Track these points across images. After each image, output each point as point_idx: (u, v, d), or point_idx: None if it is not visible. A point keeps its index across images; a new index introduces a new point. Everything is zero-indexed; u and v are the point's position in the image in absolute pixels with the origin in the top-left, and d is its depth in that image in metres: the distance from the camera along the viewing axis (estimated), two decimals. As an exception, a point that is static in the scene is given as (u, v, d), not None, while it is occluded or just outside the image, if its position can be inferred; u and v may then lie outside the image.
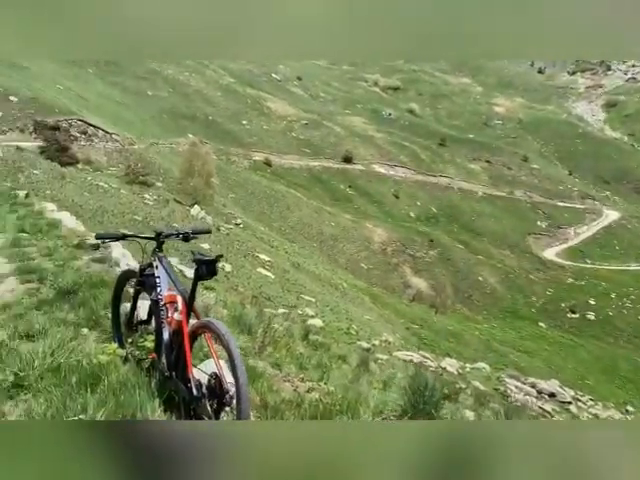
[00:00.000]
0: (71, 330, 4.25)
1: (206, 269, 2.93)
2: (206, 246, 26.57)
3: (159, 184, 42.02)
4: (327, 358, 9.85)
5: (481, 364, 22.30)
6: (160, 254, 3.43)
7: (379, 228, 54.77)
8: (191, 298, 3.07)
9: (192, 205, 39.00)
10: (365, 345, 18.92)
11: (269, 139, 67.14)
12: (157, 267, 3.38)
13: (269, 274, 29.94)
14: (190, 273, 12.11)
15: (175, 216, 35.46)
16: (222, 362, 2.94)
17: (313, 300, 27.68)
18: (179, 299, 3.20)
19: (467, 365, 20.89)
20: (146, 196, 37.22)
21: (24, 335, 4.18)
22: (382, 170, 69.50)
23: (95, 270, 6.28)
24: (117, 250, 7.58)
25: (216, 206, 42.84)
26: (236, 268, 26.87)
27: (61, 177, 33.64)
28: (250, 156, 61.56)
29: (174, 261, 14.25)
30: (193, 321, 3.12)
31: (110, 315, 4.13)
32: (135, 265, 7.58)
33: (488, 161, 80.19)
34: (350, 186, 63.83)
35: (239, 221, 41.53)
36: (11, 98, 42.44)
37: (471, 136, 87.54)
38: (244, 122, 68.81)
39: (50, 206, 11.63)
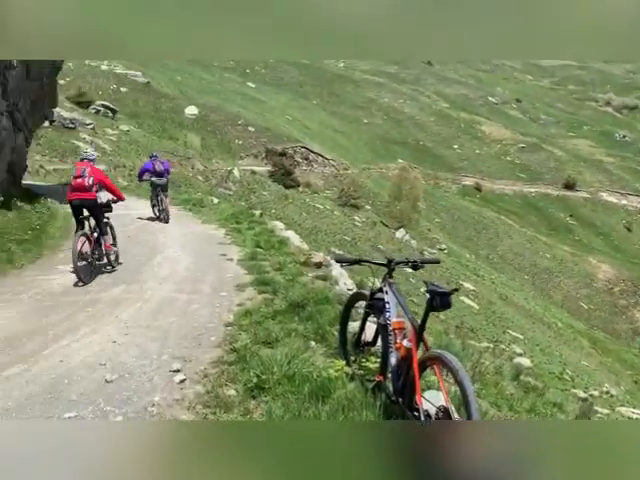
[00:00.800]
0: (301, 342, 4.64)
1: (440, 301, 2.91)
2: (409, 270, 26.72)
3: (368, 207, 43.84)
4: (541, 404, 9.02)
5: None
6: (390, 280, 3.53)
7: (605, 264, 48.51)
8: (422, 327, 3.08)
9: (397, 228, 39.76)
10: (581, 394, 16.92)
11: (481, 163, 65.08)
12: (387, 292, 3.48)
13: (473, 304, 28.80)
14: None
15: (381, 238, 36.56)
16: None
17: (521, 337, 25.75)
18: (408, 326, 3.24)
19: None
20: (356, 218, 39.17)
21: (263, 341, 4.70)
22: (612, 199, 61.69)
23: (319, 286, 6.76)
24: (336, 270, 8.06)
25: (421, 230, 42.95)
26: (439, 295, 26.46)
27: (284, 198, 37.48)
28: (459, 180, 60.42)
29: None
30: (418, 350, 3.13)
31: (337, 333, 4.39)
32: (351, 284, 7.99)
33: None
34: (571, 215, 58.05)
35: (444, 246, 40.93)
36: (249, 128, 48.89)
37: None
38: (455, 146, 67.99)
39: (279, 225, 12.97)
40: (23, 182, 15.18)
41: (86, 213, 7.72)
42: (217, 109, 49.76)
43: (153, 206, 13.16)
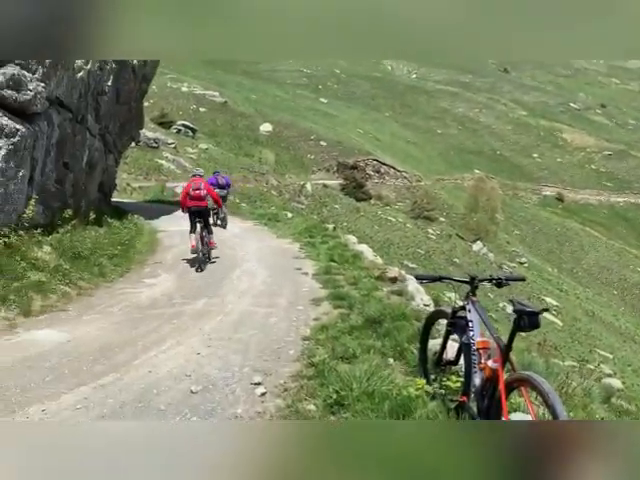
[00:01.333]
0: (379, 358, 4.60)
1: (528, 321, 2.79)
2: (487, 285, 25.84)
3: (442, 219, 42.94)
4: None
5: None
6: (474, 298, 3.43)
7: None
8: (508, 347, 2.97)
9: (474, 241, 38.62)
10: (682, 421, 15.49)
11: (562, 172, 62.09)
12: (470, 311, 3.38)
13: (556, 320, 27.34)
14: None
15: (456, 251, 35.62)
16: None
17: (610, 356, 24.08)
18: (493, 346, 3.13)
19: None
20: (429, 230, 38.46)
21: (340, 356, 4.70)
22: None
23: (395, 302, 6.68)
24: (412, 285, 7.93)
25: (499, 243, 41.47)
26: (519, 310, 25.39)
27: (356, 211, 37.53)
28: (539, 191, 57.94)
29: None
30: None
31: (416, 350, 4.31)
32: (427, 300, 7.83)
33: None
34: (664, 226, 54.02)
35: (524, 260, 39.25)
36: (321, 143, 49.53)
37: None
38: (534, 155, 65.35)
39: (352, 238, 12.98)
40: (112, 200, 16.24)
41: (197, 218, 9.61)
42: (290, 125, 50.89)
43: (214, 214, 14.65)
